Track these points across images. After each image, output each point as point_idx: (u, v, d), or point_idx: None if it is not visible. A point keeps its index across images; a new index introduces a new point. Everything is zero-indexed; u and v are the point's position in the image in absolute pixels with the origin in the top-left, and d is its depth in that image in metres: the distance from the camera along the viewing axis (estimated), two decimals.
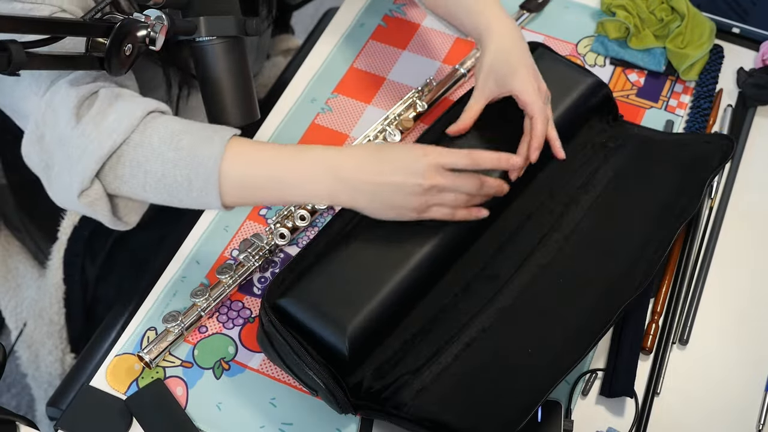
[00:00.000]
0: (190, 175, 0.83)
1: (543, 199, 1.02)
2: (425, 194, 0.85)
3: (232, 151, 0.83)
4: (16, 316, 1.26)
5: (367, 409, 0.88)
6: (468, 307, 0.94)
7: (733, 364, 0.98)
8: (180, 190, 0.84)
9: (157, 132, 0.84)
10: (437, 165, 0.85)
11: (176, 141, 0.83)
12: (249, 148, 0.85)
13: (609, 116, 1.09)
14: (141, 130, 0.84)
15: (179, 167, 0.83)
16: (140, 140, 0.84)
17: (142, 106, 0.85)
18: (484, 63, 0.95)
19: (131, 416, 0.92)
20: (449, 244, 0.95)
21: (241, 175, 0.84)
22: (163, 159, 0.83)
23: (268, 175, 0.84)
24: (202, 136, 0.84)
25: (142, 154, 0.84)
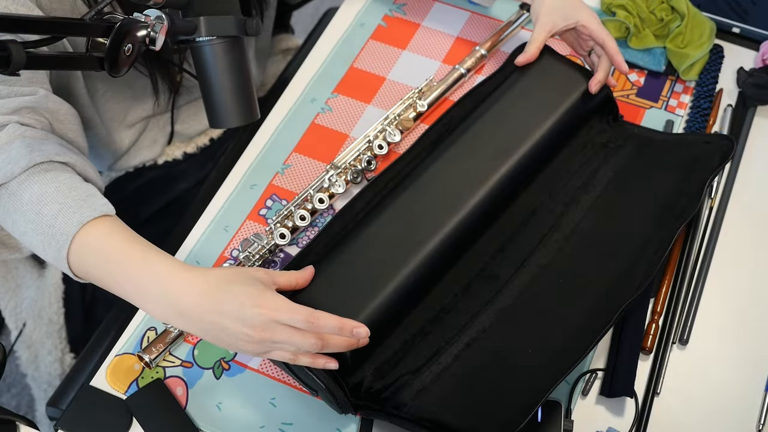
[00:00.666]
0: (44, 242, 0.84)
1: (543, 199, 1.02)
2: (256, 343, 0.80)
3: (87, 236, 0.83)
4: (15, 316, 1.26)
5: (367, 409, 0.88)
6: (468, 308, 0.94)
7: (733, 364, 0.98)
8: (38, 251, 0.85)
9: (30, 189, 0.84)
10: (273, 321, 0.79)
11: (42, 205, 0.83)
12: (103, 238, 0.83)
13: (609, 116, 1.10)
14: (21, 180, 0.84)
15: (37, 232, 0.84)
16: (15, 190, 0.84)
17: (33, 155, 0.85)
18: (545, 2, 1.07)
19: (131, 416, 0.92)
20: (450, 244, 0.95)
21: (86, 264, 0.83)
22: (26, 218, 0.84)
23: (110, 274, 0.83)
24: (69, 206, 0.84)
25: (12, 205, 0.85)
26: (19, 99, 0.87)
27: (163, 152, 1.23)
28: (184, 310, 0.80)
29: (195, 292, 0.80)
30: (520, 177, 1.00)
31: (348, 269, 0.91)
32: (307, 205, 1.04)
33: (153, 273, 0.82)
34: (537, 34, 1.07)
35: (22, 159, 0.84)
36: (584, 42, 1.10)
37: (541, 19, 1.07)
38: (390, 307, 0.89)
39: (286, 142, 1.13)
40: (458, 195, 0.97)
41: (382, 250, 0.93)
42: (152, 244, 0.85)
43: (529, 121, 1.03)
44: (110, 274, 0.83)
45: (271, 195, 1.08)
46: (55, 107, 0.91)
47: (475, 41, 1.23)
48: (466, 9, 1.27)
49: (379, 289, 0.89)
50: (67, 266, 0.84)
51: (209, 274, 0.82)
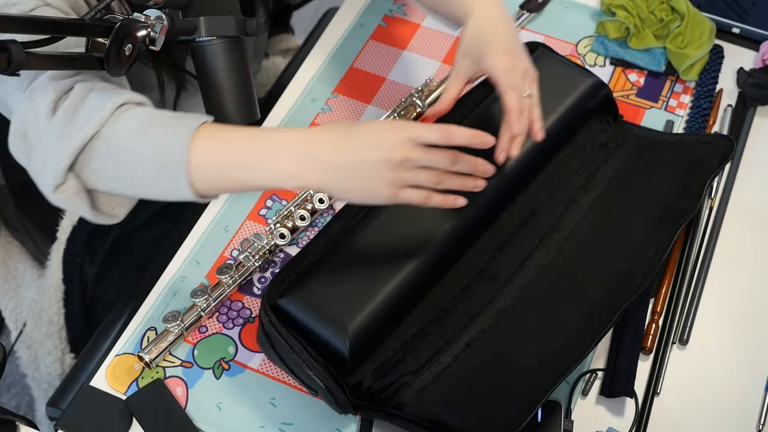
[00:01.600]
0: (158, 167, 0.82)
1: (543, 199, 1.02)
2: (396, 169, 0.80)
3: (200, 140, 0.82)
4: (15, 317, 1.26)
5: (367, 409, 0.88)
6: (468, 308, 0.94)
7: (733, 364, 0.98)
8: (150, 183, 0.83)
9: (127, 124, 0.83)
10: (409, 138, 0.80)
11: (144, 133, 0.82)
12: (217, 134, 0.83)
13: (609, 116, 1.09)
14: (111, 123, 0.83)
15: (148, 160, 0.82)
16: (110, 133, 0.83)
17: (113, 98, 0.84)
18: (462, 42, 0.94)
19: (131, 416, 0.92)
20: (449, 244, 0.95)
21: (209, 163, 0.82)
22: (132, 152, 0.82)
23: (237, 161, 0.82)
24: (171, 125, 0.83)
25: (112, 148, 0.83)
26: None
27: None
28: (320, 156, 0.81)
29: (329, 136, 0.82)
30: (519, 177, 1.00)
31: (348, 269, 0.91)
32: (307, 205, 1.04)
33: (279, 139, 0.82)
34: (452, 81, 0.95)
35: (105, 103, 0.83)
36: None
37: (455, 64, 0.95)
38: (390, 306, 0.89)
39: None
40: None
41: (382, 250, 0.93)
42: None
43: None
44: (238, 162, 0.82)
45: (271, 195, 1.08)
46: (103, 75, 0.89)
47: None
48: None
49: (379, 288, 0.89)
50: (187, 182, 0.81)
51: (335, 124, 0.84)
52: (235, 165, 0.82)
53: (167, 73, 1.08)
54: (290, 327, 0.87)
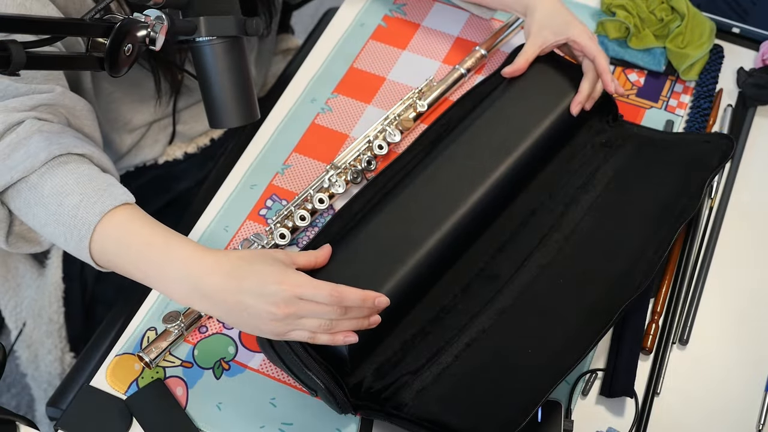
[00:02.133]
0: (66, 234, 0.85)
1: (543, 199, 1.02)
2: (280, 320, 0.81)
3: (108, 224, 0.84)
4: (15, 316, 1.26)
5: (367, 409, 0.88)
6: (468, 308, 0.94)
7: (733, 364, 0.98)
8: (59, 241, 0.87)
9: (50, 181, 0.86)
10: (295, 296, 0.80)
11: (63, 196, 0.85)
12: (125, 225, 0.85)
13: (609, 116, 1.10)
14: (41, 173, 0.86)
15: (59, 223, 0.85)
16: (36, 183, 0.86)
17: (51, 148, 0.86)
18: (537, 18, 1.07)
19: (131, 416, 0.92)
20: (449, 243, 0.95)
21: (107, 253, 0.85)
22: (48, 210, 0.86)
23: (133, 260, 0.84)
24: (90, 196, 0.85)
25: (33, 198, 0.86)
26: (36, 96, 0.89)
27: (164, 152, 1.23)
28: (207, 291, 0.81)
29: (218, 272, 0.81)
30: (519, 176, 1.00)
31: (347, 269, 0.91)
32: (307, 205, 1.04)
33: (175, 256, 0.83)
34: (528, 47, 1.07)
35: (41, 152, 0.86)
36: (577, 56, 1.10)
37: (533, 35, 1.07)
38: (390, 306, 0.89)
39: (286, 142, 1.13)
40: (457, 194, 0.97)
41: (381, 250, 0.93)
42: (173, 230, 0.86)
43: (527, 121, 1.03)
44: (132, 261, 0.84)
45: (271, 195, 1.08)
46: (71, 103, 0.93)
47: (475, 41, 1.23)
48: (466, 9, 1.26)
49: (378, 288, 0.89)
50: (89, 256, 0.85)
51: (230, 255, 0.83)
52: (130, 267, 0.85)
53: (164, 77, 1.09)
54: None
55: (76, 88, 1.03)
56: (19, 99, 0.89)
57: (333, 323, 0.82)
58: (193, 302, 0.83)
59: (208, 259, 0.83)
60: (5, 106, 0.88)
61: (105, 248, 0.85)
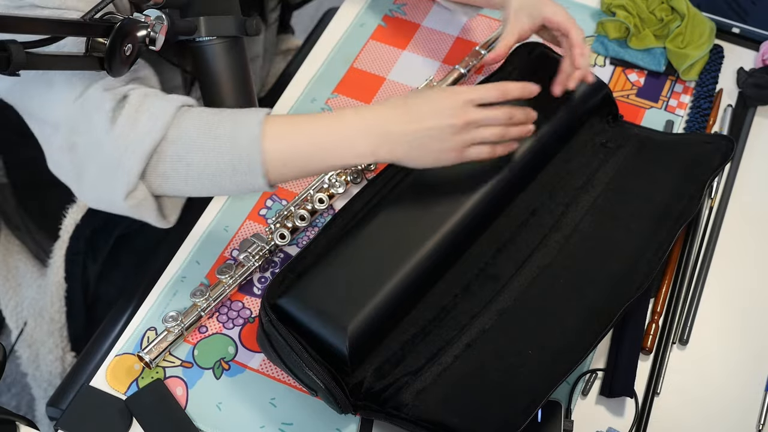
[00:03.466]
0: (233, 161, 0.84)
1: (543, 199, 1.02)
2: (461, 132, 0.86)
3: (270, 129, 0.85)
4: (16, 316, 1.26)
5: (368, 409, 0.88)
6: (468, 308, 0.94)
7: (733, 364, 0.98)
8: (223, 177, 0.85)
9: (192, 124, 0.85)
10: (468, 101, 0.87)
11: (213, 129, 0.84)
12: (286, 122, 0.87)
13: (609, 116, 1.09)
14: (176, 125, 0.85)
15: (222, 154, 0.84)
16: (178, 135, 0.85)
17: (172, 102, 0.86)
18: (513, 5, 1.05)
19: (131, 416, 0.92)
20: (449, 244, 0.94)
21: (282, 150, 0.85)
22: (204, 149, 0.84)
23: (309, 145, 0.86)
24: (237, 120, 0.85)
25: (182, 147, 0.85)
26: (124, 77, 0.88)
27: None
28: (389, 129, 0.85)
29: (394, 110, 0.86)
30: (519, 177, 1.00)
31: (348, 269, 0.91)
32: (307, 205, 1.04)
33: (346, 119, 0.86)
34: (506, 34, 1.05)
35: (166, 107, 0.85)
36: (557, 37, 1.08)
37: (510, 21, 1.05)
38: (390, 306, 0.89)
39: None
40: (457, 194, 0.97)
41: (382, 250, 0.92)
42: None
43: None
44: (312, 144, 0.86)
45: (271, 195, 1.08)
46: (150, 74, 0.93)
47: (475, 41, 1.23)
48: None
49: (379, 288, 0.89)
50: (262, 172, 0.85)
51: (397, 98, 0.88)
52: (308, 149, 0.86)
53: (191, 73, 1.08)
54: (290, 327, 0.87)
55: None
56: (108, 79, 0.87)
57: (506, 130, 0.90)
58: (380, 149, 0.86)
59: (378, 106, 0.87)
60: (104, 84, 0.86)
61: (278, 151, 0.85)
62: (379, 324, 0.89)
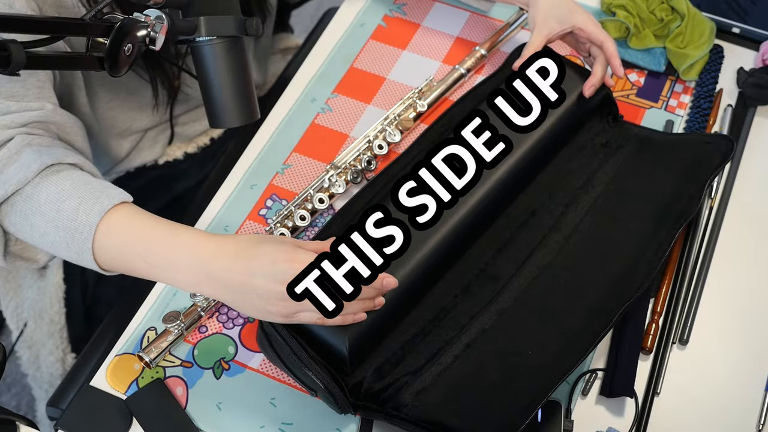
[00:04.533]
0: (67, 239, 0.85)
1: (543, 199, 1.02)
2: (287, 301, 0.79)
3: (109, 222, 0.85)
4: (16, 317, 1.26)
5: (367, 409, 0.88)
6: (468, 308, 0.94)
7: (733, 364, 0.98)
8: (60, 250, 0.87)
9: (46, 189, 0.86)
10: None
11: (61, 202, 0.85)
12: (126, 221, 0.85)
13: (609, 116, 1.09)
14: (35, 183, 0.86)
15: (59, 229, 0.85)
16: (31, 193, 0.86)
17: (43, 158, 0.87)
18: (541, 8, 1.07)
19: (131, 416, 0.92)
20: (450, 244, 0.94)
21: (111, 247, 0.85)
22: (46, 218, 0.86)
23: (136, 254, 0.84)
24: (87, 199, 0.85)
25: (30, 208, 0.86)
26: (27, 114, 0.90)
27: (164, 153, 1.23)
28: (215, 273, 0.81)
29: (226, 253, 0.81)
30: (519, 176, 1.00)
31: None
32: (307, 205, 1.04)
33: (182, 243, 0.83)
34: (534, 38, 1.07)
35: (33, 164, 0.86)
36: (583, 45, 1.10)
37: (538, 25, 1.07)
38: (390, 306, 0.89)
39: (286, 142, 1.13)
40: None
41: None
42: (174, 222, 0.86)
43: None
44: (138, 254, 0.84)
45: (271, 195, 1.08)
46: (62, 120, 0.94)
47: (475, 41, 1.23)
48: (466, 9, 1.27)
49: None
50: (92, 258, 0.85)
51: (238, 238, 0.83)
52: (134, 256, 0.85)
53: (162, 85, 1.09)
54: (290, 327, 0.87)
55: (70, 101, 1.04)
56: (10, 116, 0.89)
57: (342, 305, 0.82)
58: (202, 288, 0.83)
59: (214, 242, 0.82)
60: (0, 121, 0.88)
61: (108, 247, 0.85)
62: (379, 324, 0.89)
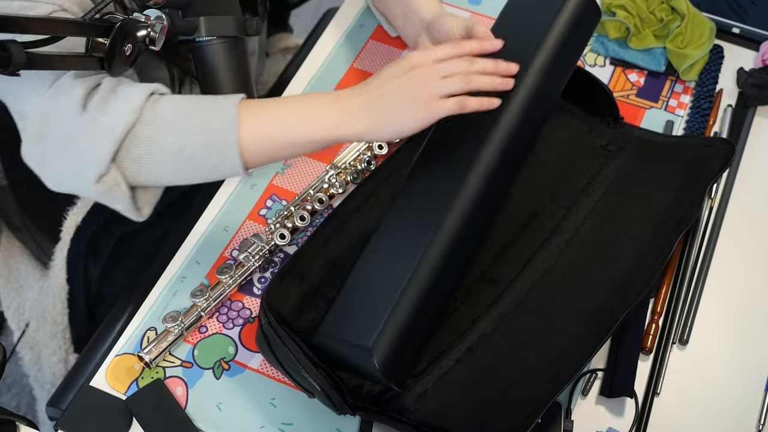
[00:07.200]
0: (207, 142, 0.84)
1: (544, 202, 1.02)
2: (422, 84, 0.85)
3: (244, 110, 0.85)
4: (18, 318, 1.26)
5: (368, 410, 0.88)
6: (469, 312, 0.94)
7: (733, 364, 0.98)
8: (199, 160, 0.85)
9: (168, 107, 0.85)
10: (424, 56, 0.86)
11: (189, 112, 0.85)
12: (258, 104, 0.87)
13: (609, 118, 1.09)
14: (151, 108, 0.85)
15: (197, 135, 0.84)
16: (152, 117, 0.85)
17: (144, 88, 0.86)
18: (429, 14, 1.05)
19: (131, 416, 0.92)
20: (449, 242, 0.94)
21: (256, 127, 0.86)
22: (179, 131, 0.84)
23: (279, 121, 0.86)
24: (212, 103, 0.86)
25: (157, 129, 0.85)
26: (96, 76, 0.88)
27: None
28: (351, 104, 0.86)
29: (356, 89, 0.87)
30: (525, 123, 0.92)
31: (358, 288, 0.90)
32: (307, 205, 1.04)
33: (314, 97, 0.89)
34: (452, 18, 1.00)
35: (136, 91, 0.85)
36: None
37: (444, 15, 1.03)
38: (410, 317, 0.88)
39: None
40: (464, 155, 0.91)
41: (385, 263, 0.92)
42: None
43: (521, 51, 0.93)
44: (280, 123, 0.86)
45: (271, 195, 1.08)
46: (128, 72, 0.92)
47: None
48: (466, 9, 1.27)
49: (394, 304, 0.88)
50: (236, 153, 0.85)
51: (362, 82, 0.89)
52: (278, 124, 0.86)
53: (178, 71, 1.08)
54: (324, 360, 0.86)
55: None
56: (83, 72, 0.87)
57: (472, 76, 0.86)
58: (343, 121, 0.86)
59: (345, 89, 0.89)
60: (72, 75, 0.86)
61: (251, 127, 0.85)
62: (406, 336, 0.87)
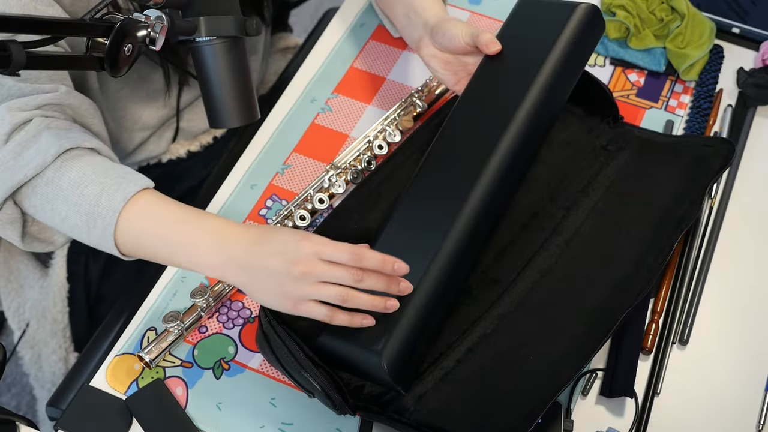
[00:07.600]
0: (89, 223, 0.86)
1: (544, 202, 1.02)
2: (296, 282, 0.81)
3: (132, 209, 0.86)
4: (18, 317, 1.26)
5: (368, 410, 0.88)
6: (469, 312, 0.94)
7: (733, 364, 0.98)
8: (80, 234, 0.88)
9: (68, 173, 0.87)
10: (314, 252, 0.81)
11: (83, 187, 0.86)
12: (149, 207, 0.87)
13: (609, 118, 1.09)
14: (56, 167, 0.87)
15: (81, 213, 0.86)
16: (52, 177, 0.87)
17: (62, 142, 0.87)
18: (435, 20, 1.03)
19: (131, 416, 0.92)
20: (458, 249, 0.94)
21: (134, 233, 0.86)
22: (68, 203, 0.86)
23: (160, 238, 0.86)
24: (110, 185, 0.86)
25: (51, 192, 0.87)
26: (41, 96, 0.90)
27: (168, 149, 1.23)
28: (235, 256, 0.83)
29: (247, 238, 0.84)
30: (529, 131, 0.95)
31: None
32: (307, 205, 1.04)
33: (205, 228, 0.85)
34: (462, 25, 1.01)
35: (51, 147, 0.87)
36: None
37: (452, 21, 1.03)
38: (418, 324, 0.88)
39: (286, 142, 1.13)
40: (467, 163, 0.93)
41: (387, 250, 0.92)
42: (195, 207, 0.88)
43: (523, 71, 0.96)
44: (161, 239, 0.86)
45: (271, 195, 1.08)
46: (76, 103, 0.94)
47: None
48: (466, 9, 1.27)
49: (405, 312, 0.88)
50: (113, 244, 0.86)
51: (259, 226, 0.88)
52: (158, 240, 0.86)
53: (174, 72, 1.09)
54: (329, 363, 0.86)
55: (82, 87, 1.03)
56: (24, 99, 0.89)
57: (350, 294, 0.81)
58: (221, 270, 0.84)
59: (236, 228, 0.85)
60: (10, 106, 0.88)
61: (130, 233, 0.86)
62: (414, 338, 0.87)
